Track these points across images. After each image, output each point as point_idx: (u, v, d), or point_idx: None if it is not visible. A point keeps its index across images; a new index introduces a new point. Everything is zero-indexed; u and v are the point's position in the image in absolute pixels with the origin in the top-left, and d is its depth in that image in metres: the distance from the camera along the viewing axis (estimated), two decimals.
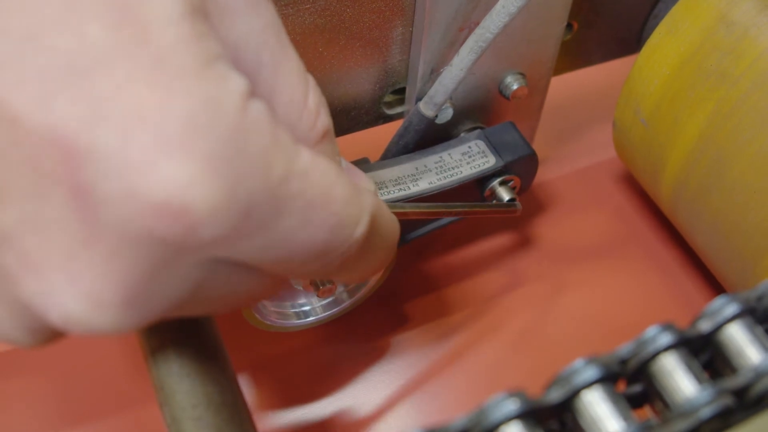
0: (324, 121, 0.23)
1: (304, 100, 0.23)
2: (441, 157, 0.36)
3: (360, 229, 0.22)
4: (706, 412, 0.20)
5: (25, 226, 0.18)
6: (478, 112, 0.38)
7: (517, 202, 0.36)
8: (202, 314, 0.24)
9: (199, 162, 0.18)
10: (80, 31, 0.17)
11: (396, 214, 0.28)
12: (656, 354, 0.21)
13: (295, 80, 0.22)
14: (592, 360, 0.21)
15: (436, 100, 0.34)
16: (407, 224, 0.36)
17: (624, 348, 0.22)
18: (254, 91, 0.20)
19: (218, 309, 0.23)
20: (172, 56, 0.18)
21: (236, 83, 0.19)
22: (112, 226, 0.18)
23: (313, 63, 0.34)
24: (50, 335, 0.21)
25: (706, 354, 0.23)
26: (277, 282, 0.23)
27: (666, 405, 0.21)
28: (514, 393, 0.20)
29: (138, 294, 0.19)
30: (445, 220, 0.37)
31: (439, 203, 0.34)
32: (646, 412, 0.22)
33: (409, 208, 0.32)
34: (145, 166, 0.17)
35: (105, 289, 0.19)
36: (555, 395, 0.20)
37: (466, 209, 0.35)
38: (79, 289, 0.19)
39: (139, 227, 0.18)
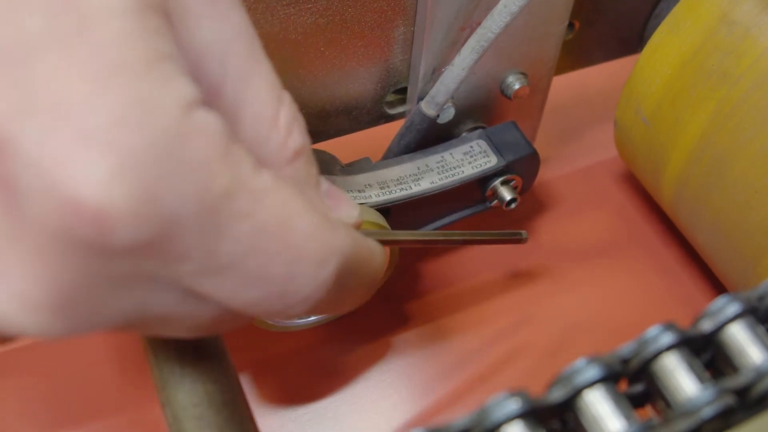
0: (296, 140, 0.22)
1: (274, 117, 0.21)
2: (443, 156, 0.36)
3: (326, 270, 0.20)
4: (707, 412, 0.20)
5: None
6: (479, 111, 0.38)
7: (523, 232, 0.34)
8: (170, 335, 0.22)
9: (120, 160, 0.17)
10: (18, 21, 0.17)
11: (387, 242, 0.26)
12: (658, 353, 0.21)
13: (265, 95, 0.21)
14: (593, 359, 0.21)
15: (437, 100, 0.34)
16: (408, 225, 0.36)
17: (626, 347, 0.22)
18: (209, 102, 0.19)
19: (179, 333, 0.22)
20: (110, 50, 0.17)
21: (182, 87, 0.18)
22: (34, 221, 0.17)
23: (314, 63, 0.34)
24: None
25: (708, 353, 0.23)
26: (238, 318, 0.22)
27: (668, 404, 0.21)
28: (516, 392, 0.20)
29: (69, 299, 0.18)
30: (446, 219, 0.37)
31: (437, 232, 0.32)
32: (648, 411, 0.22)
33: (403, 236, 0.30)
34: (62, 160, 0.16)
35: (32, 289, 0.18)
36: (557, 395, 0.20)
37: (465, 238, 0.33)
38: (6, 287, 0.18)
39: (55, 225, 0.17)
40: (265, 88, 0.21)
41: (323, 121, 0.36)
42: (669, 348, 0.21)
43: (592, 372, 0.20)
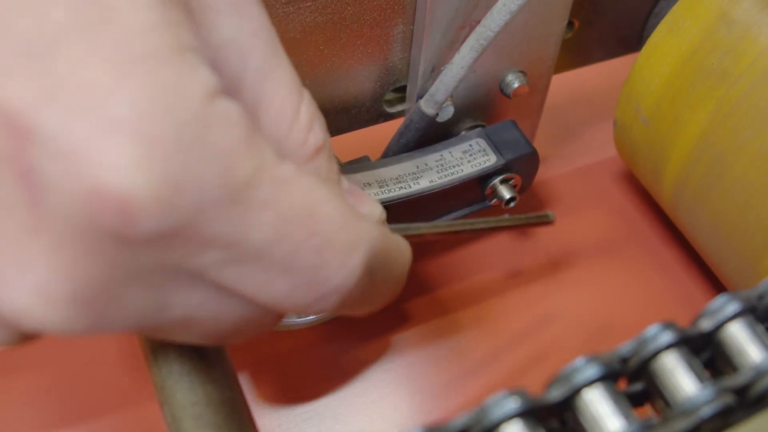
0: (318, 136, 0.22)
1: (296, 113, 0.21)
2: (442, 155, 0.36)
3: (354, 259, 0.20)
4: (706, 411, 0.20)
5: None
6: (478, 110, 0.38)
7: (550, 213, 0.33)
8: (191, 341, 0.22)
9: (144, 147, 0.16)
10: (42, 12, 0.17)
11: (410, 237, 0.25)
12: (657, 352, 0.21)
13: (285, 91, 0.21)
14: (593, 358, 0.21)
15: (437, 99, 0.34)
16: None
17: (625, 346, 0.22)
18: (229, 93, 0.19)
19: (206, 336, 0.21)
20: (135, 40, 0.17)
21: (204, 76, 0.18)
22: (57, 212, 0.17)
23: (313, 61, 0.34)
24: (16, 333, 0.20)
25: (707, 353, 0.23)
26: (269, 314, 0.22)
27: (667, 403, 0.21)
28: (515, 391, 0.20)
29: (92, 293, 0.18)
30: (445, 218, 0.37)
31: (460, 221, 0.31)
32: (647, 410, 0.22)
33: (426, 230, 0.29)
34: (86, 147, 0.16)
35: (54, 283, 0.17)
36: (556, 394, 0.20)
37: (490, 225, 0.32)
38: (29, 280, 0.17)
39: (79, 214, 0.17)
40: (285, 84, 0.21)
41: None
42: (668, 347, 0.21)
43: (591, 371, 0.20)
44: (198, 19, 0.19)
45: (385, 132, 0.37)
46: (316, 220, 0.19)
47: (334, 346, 0.38)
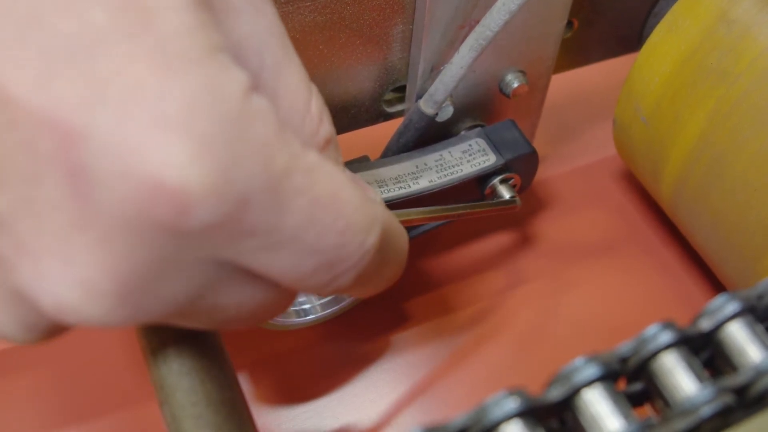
0: (327, 129, 0.23)
1: (307, 107, 0.22)
2: (441, 155, 0.36)
3: (372, 238, 0.21)
4: (706, 411, 0.20)
5: (20, 209, 0.18)
6: (478, 110, 0.38)
7: (516, 198, 0.36)
8: (206, 327, 0.23)
9: (196, 142, 0.17)
10: (83, 15, 0.17)
11: (402, 222, 0.27)
12: (657, 352, 0.21)
13: (297, 85, 0.22)
14: (592, 358, 0.21)
15: (436, 98, 0.34)
16: (406, 223, 0.36)
17: (624, 346, 0.22)
18: (257, 87, 0.20)
19: (224, 322, 0.22)
20: (174, 42, 0.18)
21: (239, 74, 0.19)
22: (106, 208, 0.17)
23: (313, 61, 0.34)
24: (46, 329, 0.21)
25: (707, 352, 0.23)
26: (286, 297, 0.23)
27: (666, 403, 0.21)
28: (515, 391, 0.20)
29: (134, 286, 0.19)
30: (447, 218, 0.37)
31: (440, 207, 0.34)
32: (647, 410, 0.22)
33: (415, 215, 0.32)
34: (139, 144, 0.17)
35: (98, 276, 0.18)
36: (555, 393, 0.20)
37: (467, 210, 0.35)
38: (73, 274, 0.18)
39: (132, 209, 0.17)
40: (297, 78, 0.22)
41: None
42: (668, 347, 0.21)
43: (591, 371, 0.20)
44: (220, 18, 0.20)
45: (384, 132, 0.37)
46: (341, 204, 0.20)
47: (334, 346, 0.38)
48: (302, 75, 0.22)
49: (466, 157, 0.36)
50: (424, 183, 0.34)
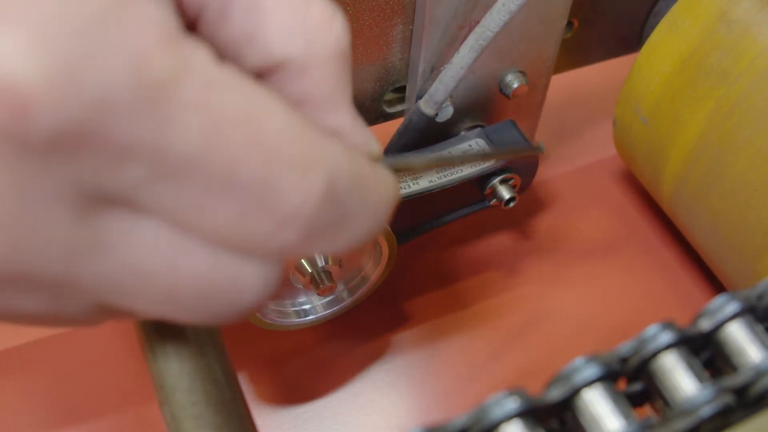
0: (337, 33, 0.20)
1: (307, 6, 0.20)
2: (441, 155, 0.35)
3: (313, 179, 0.18)
4: (706, 411, 0.20)
5: None
6: (478, 110, 0.38)
7: (541, 144, 0.33)
8: (160, 311, 0.19)
9: (37, 30, 0.15)
10: None
11: (400, 169, 0.24)
12: (657, 352, 0.21)
13: None
14: (592, 358, 0.21)
15: (436, 99, 0.34)
16: (406, 223, 0.36)
17: (624, 346, 0.22)
18: None
19: (173, 302, 0.19)
20: None
21: None
22: None
23: None
24: None
25: (707, 352, 0.23)
26: (246, 277, 0.19)
27: (666, 403, 0.21)
28: (515, 391, 0.20)
29: (4, 219, 0.16)
30: (445, 218, 0.37)
31: (453, 155, 0.31)
32: (647, 410, 0.22)
33: (417, 161, 0.28)
34: None
35: None
36: (555, 393, 0.20)
37: (482, 155, 0.32)
38: None
39: None
40: None
41: None
42: (668, 347, 0.21)
43: (591, 371, 0.20)
44: None
45: (384, 132, 0.37)
46: (258, 129, 0.17)
47: (334, 346, 0.38)
48: None
49: None
50: (424, 183, 0.34)
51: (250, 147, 0.17)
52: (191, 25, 0.20)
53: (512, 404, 0.19)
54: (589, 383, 0.20)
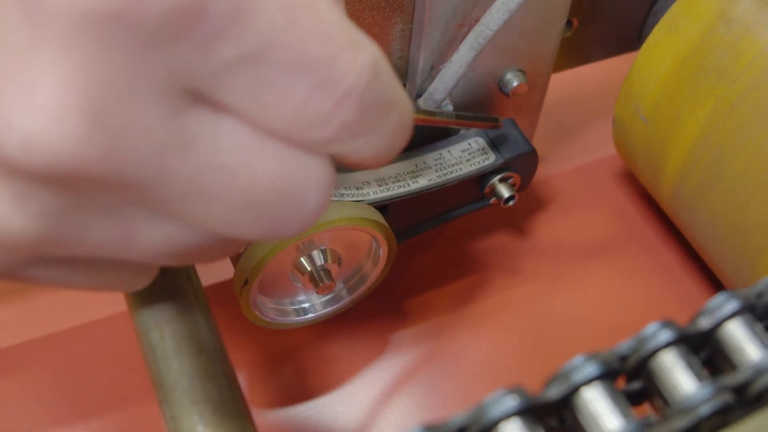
0: None
1: None
2: (441, 154, 0.35)
3: (363, 56, 0.19)
4: (705, 409, 0.20)
5: None
6: (477, 108, 0.38)
7: (498, 118, 0.35)
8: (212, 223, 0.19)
9: None
10: None
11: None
12: (656, 351, 0.21)
13: None
14: (591, 357, 0.21)
15: (435, 97, 0.34)
16: (406, 221, 0.36)
17: (624, 345, 0.22)
18: None
19: (234, 209, 0.19)
20: None
21: None
22: (57, 10, 0.16)
23: None
24: (34, 193, 0.17)
25: (706, 351, 0.23)
26: (300, 173, 0.20)
27: (666, 402, 0.21)
28: (514, 389, 0.20)
29: (102, 101, 0.16)
30: (444, 217, 0.37)
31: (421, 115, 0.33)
32: (646, 409, 0.22)
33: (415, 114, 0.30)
34: None
35: (64, 93, 0.16)
36: (554, 392, 0.20)
37: (446, 119, 0.33)
38: (37, 98, 0.16)
39: (82, 8, 0.16)
40: None
41: None
42: (667, 345, 0.21)
43: (590, 369, 0.20)
44: None
45: None
46: (317, 11, 0.19)
47: (333, 345, 0.38)
48: None
49: (466, 156, 0.36)
50: (423, 182, 0.34)
51: (316, 26, 0.18)
52: None
53: (511, 402, 0.19)
54: (588, 381, 0.20)
